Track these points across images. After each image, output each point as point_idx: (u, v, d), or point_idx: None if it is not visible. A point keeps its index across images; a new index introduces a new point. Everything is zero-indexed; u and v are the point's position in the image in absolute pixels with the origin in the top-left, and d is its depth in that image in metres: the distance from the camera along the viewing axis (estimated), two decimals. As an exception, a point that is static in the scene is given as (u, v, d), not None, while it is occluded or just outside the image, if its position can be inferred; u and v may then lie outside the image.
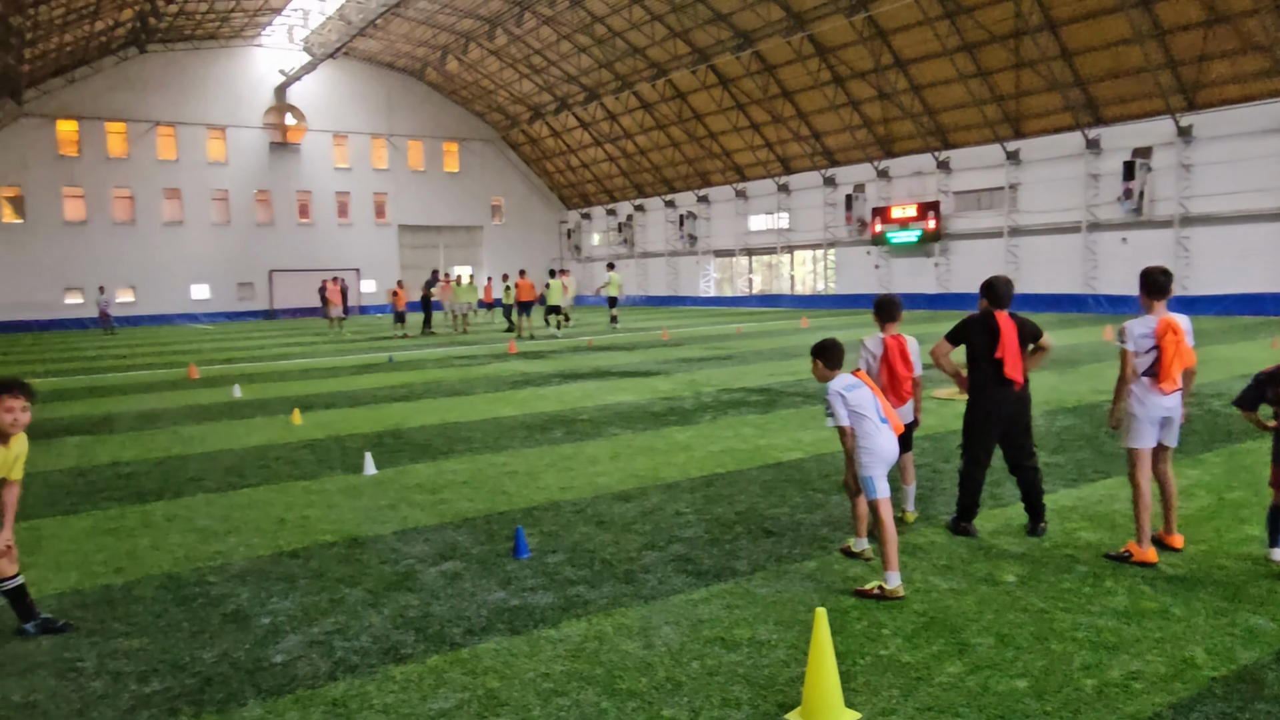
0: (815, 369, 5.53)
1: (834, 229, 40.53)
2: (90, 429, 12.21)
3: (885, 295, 6.44)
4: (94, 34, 39.60)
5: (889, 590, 5.03)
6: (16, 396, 4.67)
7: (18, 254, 43.28)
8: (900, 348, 6.24)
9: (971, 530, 6.15)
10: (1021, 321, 6.08)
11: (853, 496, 5.69)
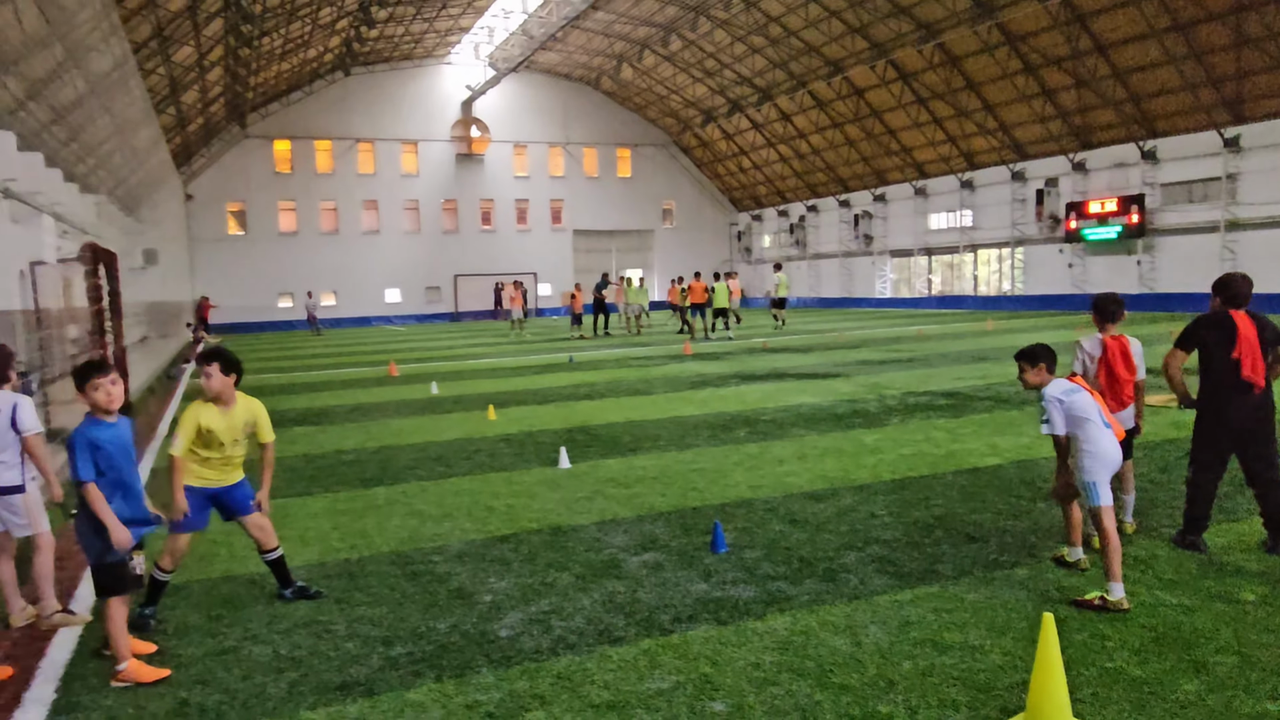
0: (1025, 375, 5.31)
1: (1022, 226, 38.44)
2: (313, 420, 13.40)
3: (1106, 294, 6.11)
4: (306, 61, 43.27)
5: (1112, 602, 4.79)
6: (211, 364, 5.14)
7: (240, 262, 47.89)
8: (1122, 349, 5.91)
9: (1201, 545, 5.74)
10: (1262, 322, 5.64)
11: (1065, 504, 5.46)
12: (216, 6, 26.48)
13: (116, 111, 24.38)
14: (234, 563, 6.34)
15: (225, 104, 41.42)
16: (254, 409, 5.35)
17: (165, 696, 4.22)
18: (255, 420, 5.34)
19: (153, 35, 24.12)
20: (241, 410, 5.27)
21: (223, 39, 29.99)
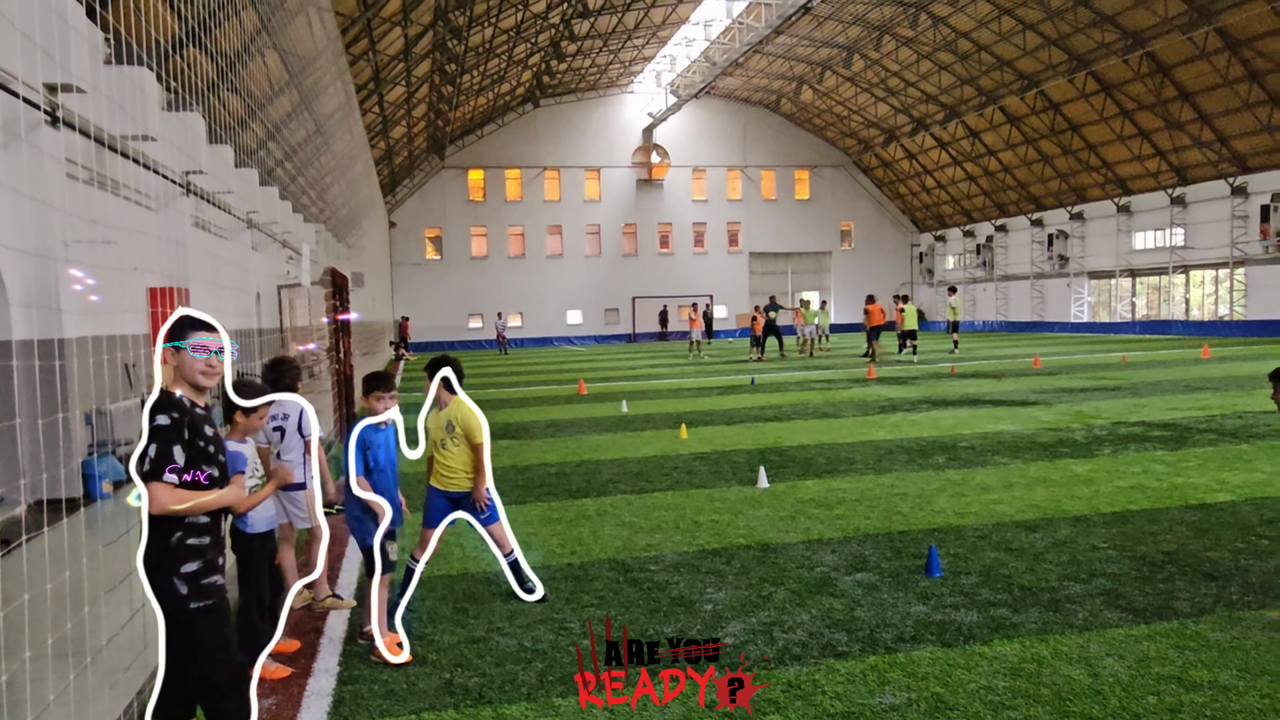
0: (1277, 395, 5.07)
1: (1244, 245, 35.20)
2: (514, 434, 14.22)
3: None
4: (500, 95, 45.92)
5: None
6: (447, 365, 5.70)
7: (435, 285, 51.18)
8: None
9: None
10: None
11: None
12: (426, 49, 28.68)
13: (337, 149, 26.89)
14: (469, 561, 6.92)
15: (427, 137, 44.56)
16: (461, 410, 5.67)
17: (432, 676, 4.72)
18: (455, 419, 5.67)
19: (371, 78, 26.42)
20: (451, 411, 5.71)
21: (429, 78, 32.39)
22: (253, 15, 15.34)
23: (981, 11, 35.80)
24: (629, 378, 25.29)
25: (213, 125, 14.31)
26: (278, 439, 5.79)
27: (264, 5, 14.32)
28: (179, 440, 3.22)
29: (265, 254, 22.98)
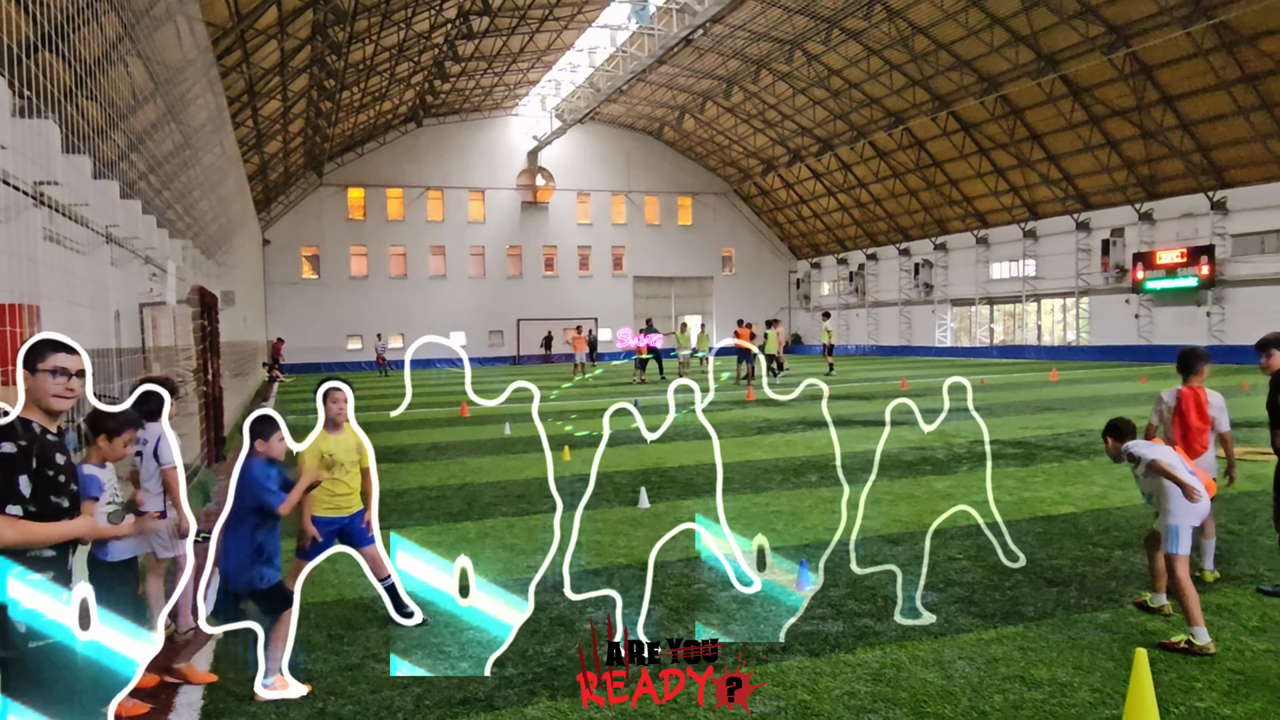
0: (1109, 447, 5.59)
1: (1087, 276, 38.03)
2: (394, 458, 13.93)
3: (1188, 348, 6.36)
4: (382, 113, 45.11)
5: (1198, 646, 4.93)
6: (340, 390, 5.64)
7: (312, 305, 49.55)
8: (1197, 401, 6.11)
9: None
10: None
11: (1150, 551, 5.64)
12: (304, 63, 27.96)
13: (207, 162, 25.82)
14: (345, 588, 6.77)
15: (304, 153, 43.28)
16: (359, 434, 5.82)
17: (304, 705, 4.61)
18: (361, 443, 5.81)
19: (245, 90, 25.55)
20: (350, 434, 5.78)
21: (306, 93, 31.56)
22: (115, 20, 14.66)
23: (852, 51, 37.62)
24: (512, 400, 25.09)
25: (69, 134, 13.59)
26: (138, 463, 5.56)
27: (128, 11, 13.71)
28: (25, 470, 3.08)
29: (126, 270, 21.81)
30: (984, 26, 32.31)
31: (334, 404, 5.74)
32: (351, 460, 5.80)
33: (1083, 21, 29.78)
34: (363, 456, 5.84)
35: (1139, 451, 5.31)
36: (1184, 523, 5.11)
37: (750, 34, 38.34)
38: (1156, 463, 5.16)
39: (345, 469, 5.76)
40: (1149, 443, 5.44)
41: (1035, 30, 31.32)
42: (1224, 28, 27.41)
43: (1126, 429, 5.53)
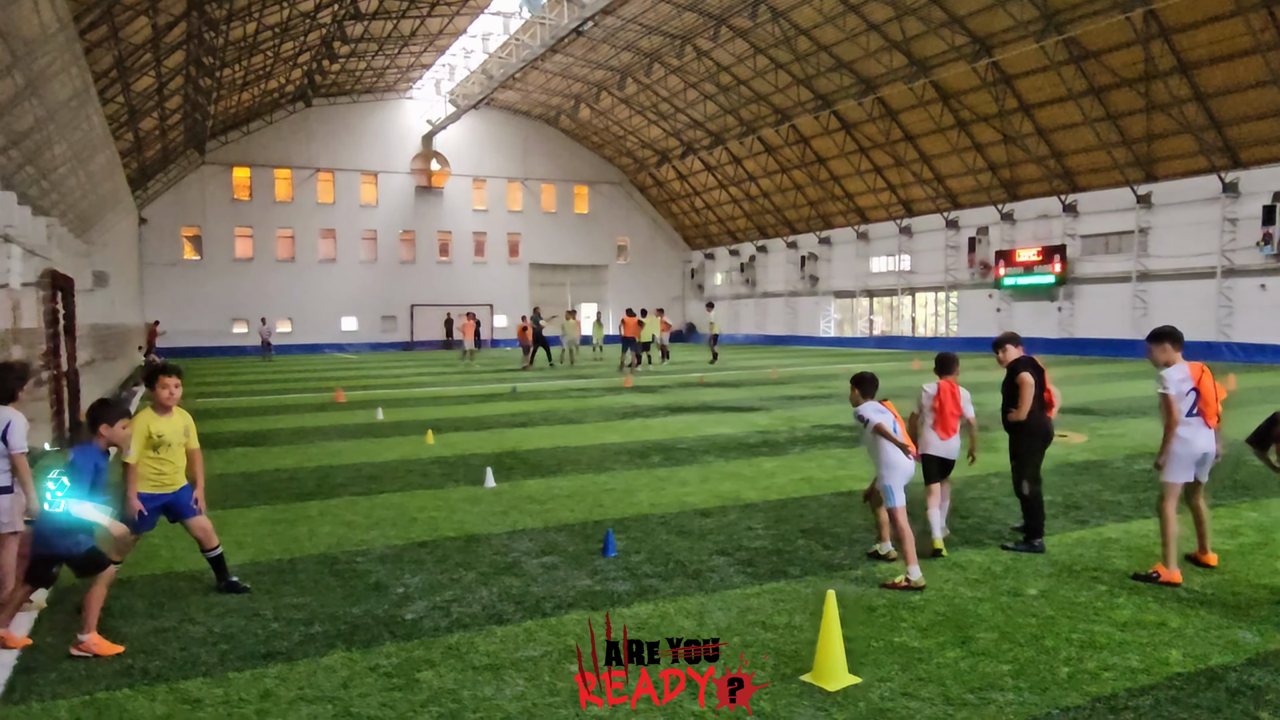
0: (852, 395, 6.50)
1: (956, 271, 40.25)
2: (255, 442, 14.07)
3: (944, 353, 7.40)
4: (268, 91, 43.95)
5: (913, 582, 5.90)
6: (170, 375, 6.13)
7: (194, 287, 47.99)
8: (952, 391, 7.11)
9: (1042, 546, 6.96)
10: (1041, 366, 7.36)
11: (874, 507, 6.61)
12: (179, 39, 27.18)
13: (73, 138, 24.91)
14: (175, 561, 7.10)
15: (184, 130, 41.85)
16: (186, 416, 6.28)
17: (113, 662, 5.01)
18: (188, 425, 6.25)
19: (113, 65, 24.74)
20: (179, 416, 6.18)
21: (183, 69, 30.64)
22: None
23: (739, 49, 38.71)
24: (394, 386, 25.24)
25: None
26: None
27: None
28: None
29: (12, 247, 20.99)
30: (861, 31, 33.78)
31: (163, 389, 6.10)
32: (179, 441, 6.16)
33: (949, 31, 31.51)
34: (190, 438, 6.24)
35: (866, 415, 6.22)
36: (897, 480, 6.09)
37: (642, 27, 38.98)
38: (880, 427, 6.10)
39: (171, 449, 6.11)
40: (877, 407, 6.32)
41: (907, 37, 32.95)
42: (1073, 43, 29.48)
43: (870, 382, 6.44)
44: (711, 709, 4.26)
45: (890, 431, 6.13)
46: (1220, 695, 4.33)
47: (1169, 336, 6.50)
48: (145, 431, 5.99)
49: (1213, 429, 6.33)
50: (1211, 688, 4.41)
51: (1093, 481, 9.70)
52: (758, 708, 4.28)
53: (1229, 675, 4.56)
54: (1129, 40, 28.06)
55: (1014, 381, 7.17)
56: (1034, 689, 4.44)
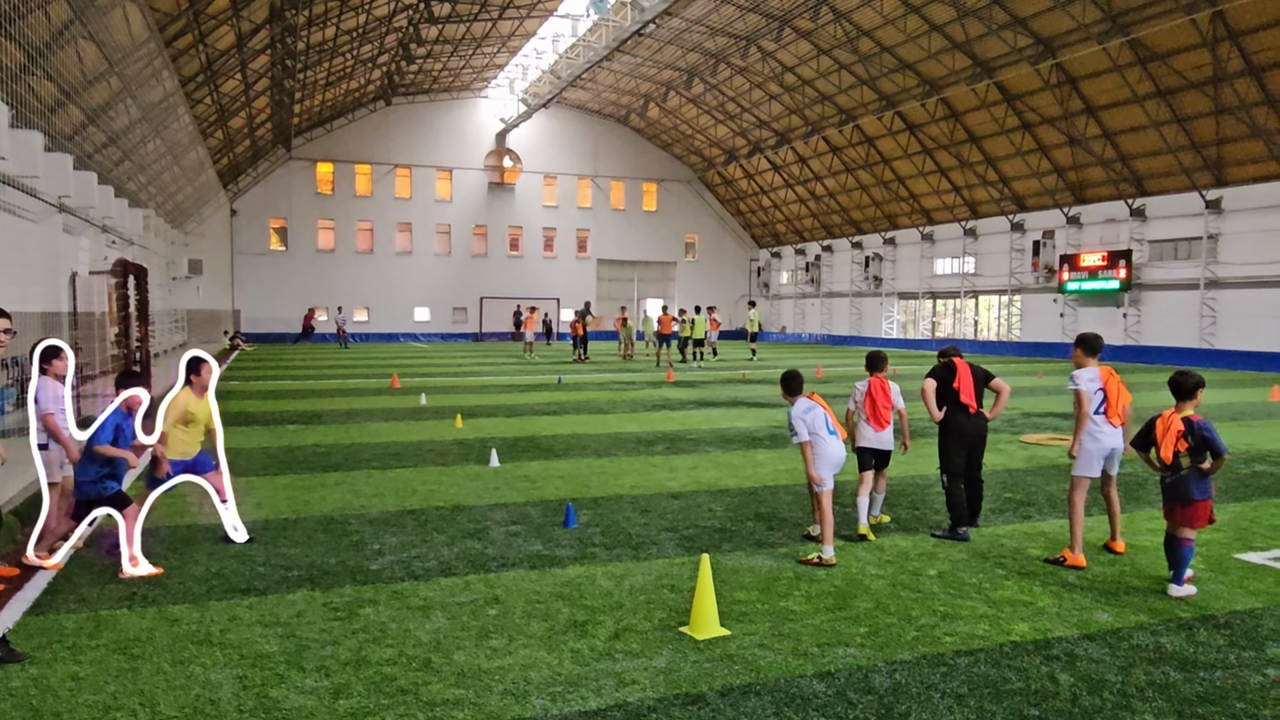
0: (782, 393, 7.13)
1: (1020, 275, 39.68)
2: (305, 420, 15.31)
3: (874, 351, 7.98)
4: (349, 91, 46.07)
5: (825, 559, 6.56)
6: (208, 363, 7.19)
7: (279, 276, 50.65)
8: (882, 386, 7.67)
9: (967, 535, 7.52)
10: (974, 365, 7.71)
11: (813, 495, 7.19)
12: (263, 44, 29.02)
13: (166, 135, 26.91)
14: (201, 516, 8.19)
15: (272, 128, 44.25)
16: (213, 400, 7.31)
17: (119, 589, 6.04)
18: (211, 410, 7.28)
19: (201, 69, 26.64)
20: (207, 400, 7.24)
21: (268, 72, 32.59)
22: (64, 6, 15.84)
23: (803, 50, 38.94)
24: (451, 374, 26.52)
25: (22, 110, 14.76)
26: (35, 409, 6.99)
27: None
28: None
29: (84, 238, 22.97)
30: (923, 32, 33.69)
31: (206, 374, 7.19)
32: (205, 420, 7.26)
33: (1011, 32, 31.21)
34: (210, 420, 7.29)
35: (795, 427, 6.82)
36: (825, 469, 6.70)
37: (706, 28, 39.56)
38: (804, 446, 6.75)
39: (197, 425, 7.21)
40: (807, 405, 6.92)
41: (970, 38, 32.73)
42: (1138, 45, 28.91)
43: (793, 380, 7.07)
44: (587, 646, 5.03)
45: (815, 434, 6.74)
46: (1035, 660, 4.88)
47: (1084, 343, 6.97)
48: (182, 409, 7.07)
49: (1117, 428, 6.78)
50: (1034, 654, 4.97)
51: (1062, 482, 10.04)
52: (629, 648, 5.02)
53: (1057, 645, 5.10)
54: (1195, 42, 27.42)
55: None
56: (876, 647, 5.07)
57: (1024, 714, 4.23)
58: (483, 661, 4.82)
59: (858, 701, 4.36)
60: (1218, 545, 7.31)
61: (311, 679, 4.57)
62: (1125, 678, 4.66)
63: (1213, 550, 7.15)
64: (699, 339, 29.44)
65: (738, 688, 4.51)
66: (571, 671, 4.70)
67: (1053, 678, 4.66)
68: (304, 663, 4.78)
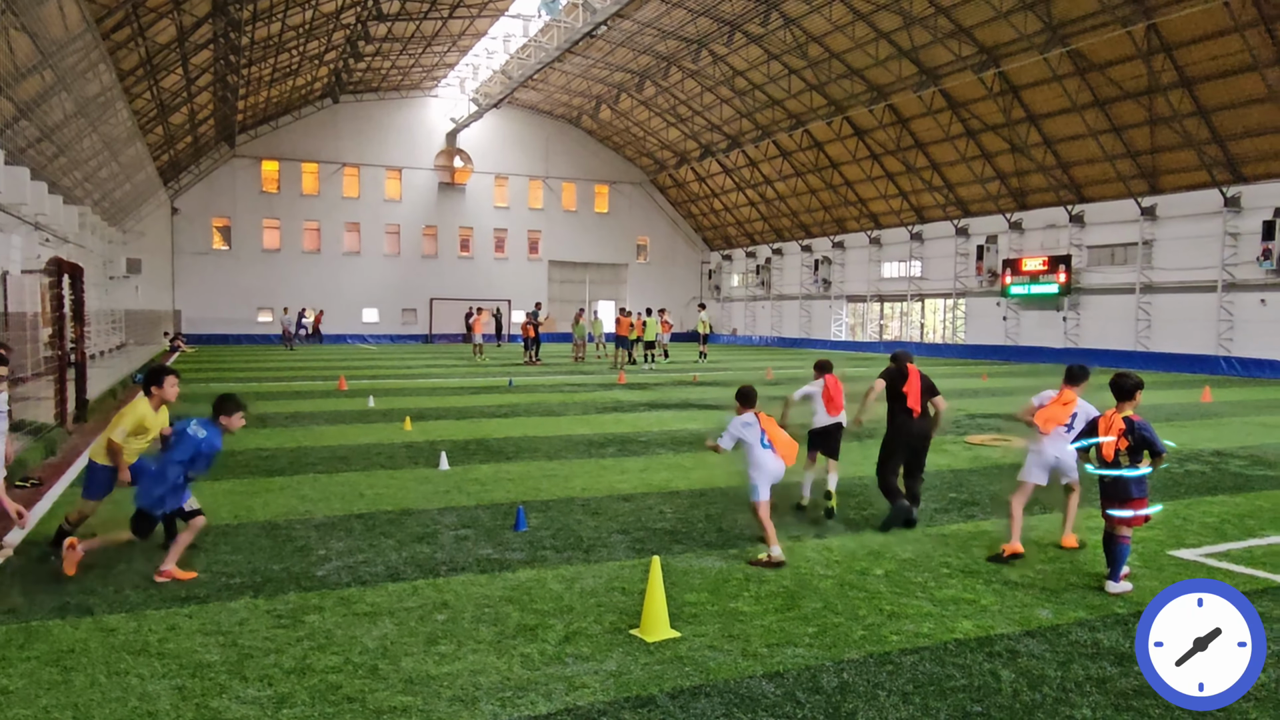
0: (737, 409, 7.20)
1: (965, 279, 40.49)
2: (248, 425, 14.97)
3: (822, 358, 8.65)
4: (296, 88, 45.27)
5: (773, 558, 6.67)
6: (173, 375, 7.03)
7: (222, 276, 49.54)
8: (835, 383, 8.45)
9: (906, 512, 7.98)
10: (924, 375, 8.17)
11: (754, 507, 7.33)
12: (205, 38, 28.37)
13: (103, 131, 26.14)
14: (137, 523, 7.96)
15: (215, 124, 43.28)
16: (166, 413, 7.23)
17: (53, 598, 5.85)
18: (165, 421, 7.17)
19: (140, 64, 25.95)
20: (164, 412, 7.10)
21: (210, 67, 31.88)
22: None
23: (753, 54, 39.27)
24: (401, 376, 26.19)
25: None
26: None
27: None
28: None
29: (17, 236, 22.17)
30: (870, 40, 34.22)
31: (169, 388, 7.03)
32: (157, 430, 7.11)
33: (956, 41, 31.86)
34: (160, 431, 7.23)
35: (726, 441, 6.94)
36: (762, 480, 6.79)
37: (658, 31, 39.68)
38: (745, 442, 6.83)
39: (148, 436, 7.08)
40: (746, 421, 6.97)
41: (916, 46, 33.32)
42: (1077, 55, 29.71)
43: (747, 398, 7.12)
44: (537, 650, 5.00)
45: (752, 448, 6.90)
46: (978, 657, 4.98)
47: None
48: (139, 420, 6.91)
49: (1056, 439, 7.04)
50: (977, 651, 5.07)
51: (1005, 482, 10.24)
52: (580, 651, 5.01)
53: (1000, 642, 5.21)
54: (1131, 54, 28.27)
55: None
56: (824, 646, 5.13)
57: (967, 710, 4.32)
58: (431, 668, 4.77)
59: (806, 701, 4.41)
60: (1153, 543, 7.53)
61: (254, 688, 4.48)
62: (1064, 673, 4.78)
63: (1148, 548, 7.37)
64: (650, 341, 29.52)
65: (688, 689, 4.52)
66: (521, 676, 4.67)
67: (995, 674, 4.75)
68: (246, 672, 4.68)
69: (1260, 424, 15.96)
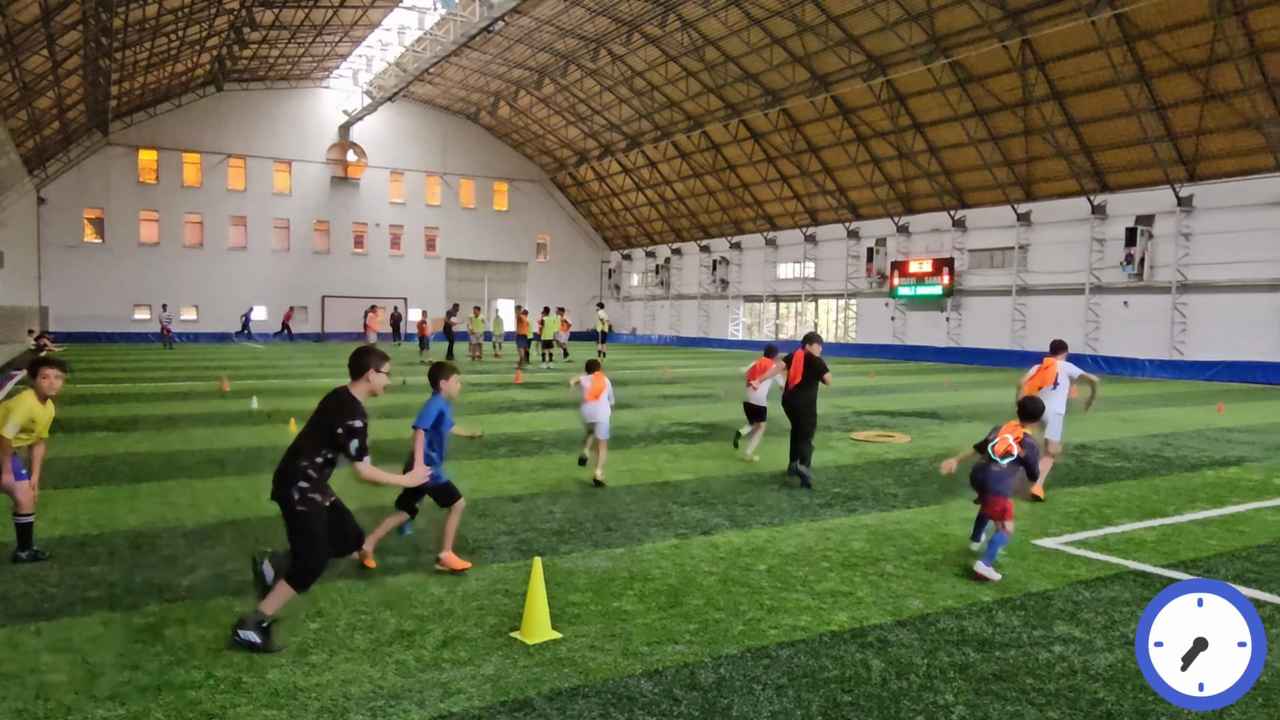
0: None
1: (856, 280, 41.77)
2: (117, 428, 14.20)
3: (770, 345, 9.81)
4: (175, 74, 43.17)
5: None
6: (53, 367, 6.61)
7: (95, 271, 46.84)
8: (762, 365, 10.57)
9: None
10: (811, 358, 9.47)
11: None
12: (73, 19, 26.74)
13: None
14: (-16, 535, 7.43)
15: (86, 110, 40.87)
16: (53, 409, 6.84)
17: None
18: (51, 416, 6.82)
19: (0, 43, 24.28)
20: (51, 407, 6.75)
21: (79, 49, 30.09)
22: None
23: (652, 55, 39.56)
24: (287, 376, 25.29)
25: None
26: None
27: None
28: None
29: None
30: (765, 45, 34.91)
31: (44, 379, 6.60)
32: (43, 429, 6.70)
33: (846, 49, 32.82)
34: (46, 428, 6.85)
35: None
36: None
37: (557, 29, 39.51)
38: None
39: (34, 434, 6.65)
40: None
41: (808, 52, 34.17)
42: (959, 67, 31.03)
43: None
44: (412, 656, 4.89)
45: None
46: (851, 647, 5.12)
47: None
48: (27, 414, 6.43)
49: None
50: (850, 642, 5.21)
51: (887, 476, 10.62)
52: (458, 656, 4.92)
53: (872, 633, 5.37)
54: (1008, 67, 29.70)
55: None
56: (704, 642, 5.18)
57: (837, 700, 4.43)
58: (299, 679, 4.60)
59: (683, 698, 4.44)
60: (1018, 532, 7.89)
61: (104, 708, 4.23)
62: (931, 660, 4.95)
63: (1014, 537, 7.72)
64: (548, 340, 29.38)
65: (565, 691, 4.49)
66: (395, 684, 4.55)
67: (866, 664, 4.89)
68: (96, 691, 4.41)
69: (1119, 419, 16.99)
